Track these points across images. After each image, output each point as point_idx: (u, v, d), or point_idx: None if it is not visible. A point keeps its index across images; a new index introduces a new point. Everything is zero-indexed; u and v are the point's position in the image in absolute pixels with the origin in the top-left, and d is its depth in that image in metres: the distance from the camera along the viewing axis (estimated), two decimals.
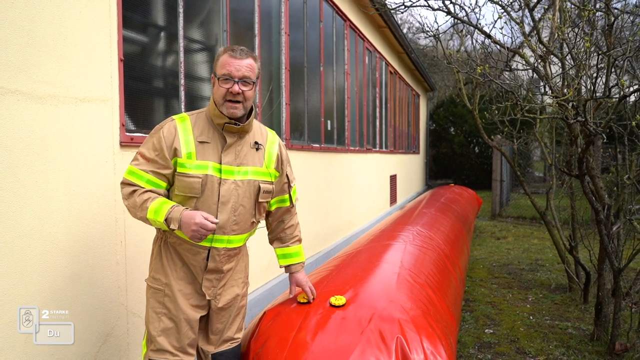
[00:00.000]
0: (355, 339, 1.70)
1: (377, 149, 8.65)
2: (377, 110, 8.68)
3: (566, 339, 3.52)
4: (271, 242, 2.10)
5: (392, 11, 4.14)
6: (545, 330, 3.69)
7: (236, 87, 1.67)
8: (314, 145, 5.29)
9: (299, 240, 2.11)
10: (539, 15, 4.32)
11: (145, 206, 1.64)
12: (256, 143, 1.82)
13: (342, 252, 2.99)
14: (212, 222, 1.61)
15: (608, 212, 3.32)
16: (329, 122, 5.90)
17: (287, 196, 2.00)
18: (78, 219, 2.10)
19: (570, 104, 2.25)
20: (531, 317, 3.99)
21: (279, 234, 2.06)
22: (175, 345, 1.76)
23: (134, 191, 1.67)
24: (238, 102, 1.69)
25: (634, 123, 2.21)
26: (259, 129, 1.89)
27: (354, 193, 6.75)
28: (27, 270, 1.85)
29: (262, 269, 3.91)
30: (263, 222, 2.04)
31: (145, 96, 2.76)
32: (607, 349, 3.27)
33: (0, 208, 1.74)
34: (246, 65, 1.68)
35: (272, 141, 1.90)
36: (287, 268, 2.05)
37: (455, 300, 2.72)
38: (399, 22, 16.58)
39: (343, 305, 1.88)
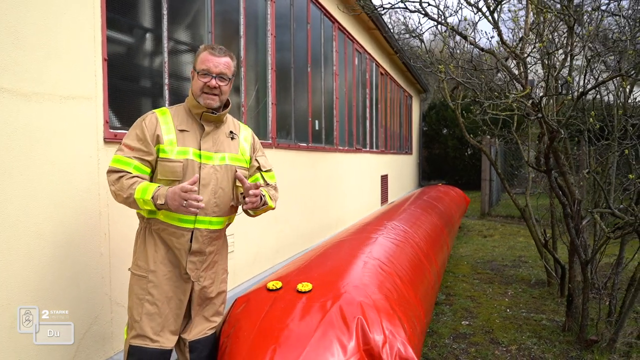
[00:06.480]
0: (319, 320, 1.82)
1: (368, 149, 8.78)
2: (368, 110, 8.81)
3: (539, 330, 3.65)
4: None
5: (371, 13, 4.25)
6: (520, 322, 3.81)
7: (213, 82, 1.85)
8: (301, 144, 5.41)
9: (272, 196, 2.05)
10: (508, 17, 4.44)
11: (133, 187, 1.76)
12: (231, 132, 2.00)
13: (319, 246, 3.11)
14: (193, 182, 1.69)
15: (578, 207, 3.44)
16: (316, 122, 6.02)
17: (257, 175, 2.07)
18: (63, 211, 2.20)
19: (530, 101, 2.38)
20: (508, 310, 4.12)
21: None
22: (156, 329, 1.86)
23: (121, 177, 1.79)
24: (215, 94, 1.88)
25: (591, 120, 2.34)
26: (232, 122, 2.07)
27: (342, 192, 6.86)
28: (12, 259, 1.95)
29: (248, 264, 4.02)
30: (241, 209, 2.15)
31: (130, 94, 2.87)
32: (576, 338, 3.40)
33: None
34: (224, 62, 1.87)
35: (244, 131, 2.08)
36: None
37: (427, 290, 2.84)
38: (391, 24, 16.72)
39: (309, 291, 1.99)
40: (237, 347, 1.85)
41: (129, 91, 2.85)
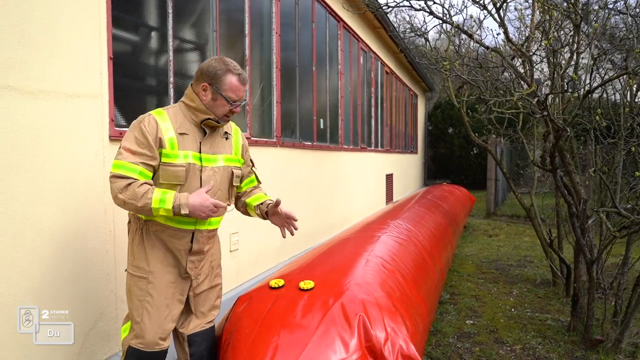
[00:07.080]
0: (320, 318, 1.82)
1: (373, 148, 8.77)
2: (373, 109, 8.79)
3: (544, 329, 3.63)
4: (243, 207, 2.17)
5: (376, 12, 4.24)
6: (525, 322, 3.80)
7: (239, 109, 1.92)
8: (306, 143, 5.41)
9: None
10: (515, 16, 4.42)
11: (149, 197, 1.72)
12: (226, 133, 2.02)
13: (321, 244, 3.11)
14: (209, 189, 1.82)
15: (584, 207, 3.42)
16: (321, 120, 6.02)
17: (254, 177, 2.20)
18: (68, 209, 2.22)
19: (536, 99, 2.36)
20: (513, 310, 4.10)
21: (247, 197, 2.16)
22: (157, 331, 1.87)
23: (130, 184, 1.72)
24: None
25: (597, 118, 2.32)
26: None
27: (347, 190, 6.86)
28: (18, 256, 1.97)
29: (251, 263, 4.03)
30: (231, 207, 2.17)
31: (135, 92, 2.89)
32: (581, 338, 3.38)
33: None
34: (246, 89, 1.93)
35: (236, 132, 2.10)
36: (261, 206, 2.09)
37: (430, 289, 2.83)
38: (397, 22, 16.67)
39: (311, 289, 2.00)
40: (239, 344, 1.85)
41: (134, 89, 2.87)
